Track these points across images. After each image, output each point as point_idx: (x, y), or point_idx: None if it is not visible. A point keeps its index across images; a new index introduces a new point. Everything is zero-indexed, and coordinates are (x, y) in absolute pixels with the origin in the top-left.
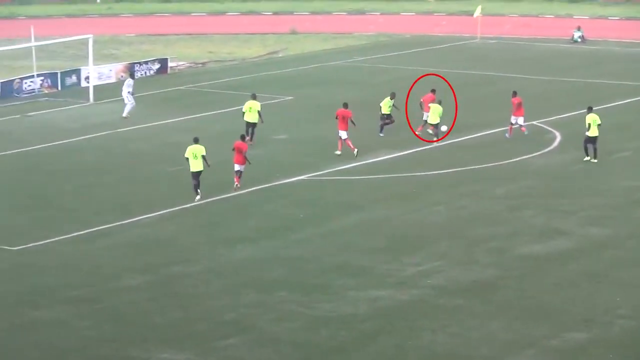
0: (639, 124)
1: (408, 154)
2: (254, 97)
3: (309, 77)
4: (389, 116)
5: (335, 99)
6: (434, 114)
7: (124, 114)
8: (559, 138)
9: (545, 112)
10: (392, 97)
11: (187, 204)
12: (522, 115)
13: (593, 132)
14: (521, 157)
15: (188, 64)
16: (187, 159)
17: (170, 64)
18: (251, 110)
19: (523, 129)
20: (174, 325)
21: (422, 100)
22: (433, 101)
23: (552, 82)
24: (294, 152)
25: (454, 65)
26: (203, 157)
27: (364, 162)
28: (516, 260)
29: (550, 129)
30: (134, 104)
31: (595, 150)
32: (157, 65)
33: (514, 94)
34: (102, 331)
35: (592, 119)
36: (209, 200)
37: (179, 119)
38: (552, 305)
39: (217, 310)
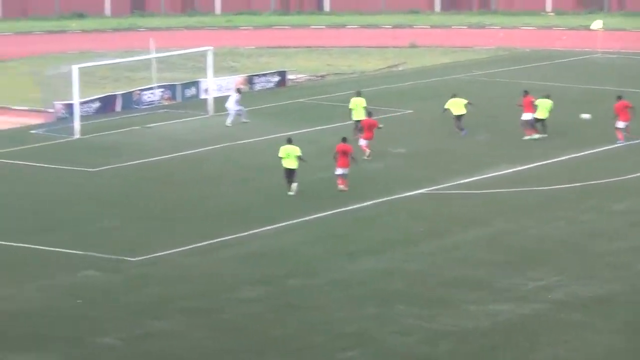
0: None
1: (527, 168)
2: (358, 95)
3: (428, 91)
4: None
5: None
6: (543, 109)
7: (227, 123)
8: None
9: None
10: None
11: (307, 217)
12: (628, 120)
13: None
14: None
15: (307, 77)
16: (281, 158)
17: (289, 77)
18: (356, 108)
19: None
20: (293, 337)
21: (519, 104)
22: (531, 102)
23: None
24: (414, 166)
25: (573, 80)
26: (299, 157)
27: (484, 176)
28: (637, 276)
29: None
30: (235, 115)
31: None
32: (276, 78)
33: (619, 98)
34: (220, 342)
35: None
36: (329, 212)
37: (298, 131)
38: None
39: (336, 323)
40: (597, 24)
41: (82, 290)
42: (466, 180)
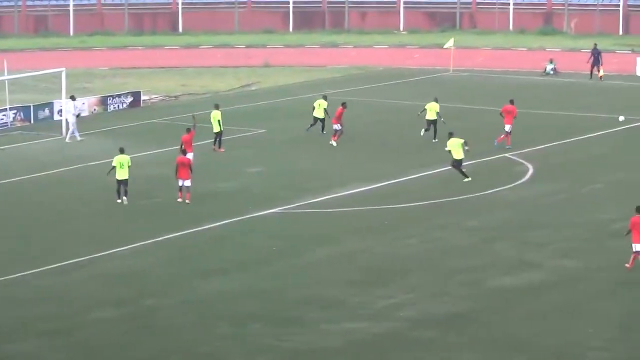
0: (611, 157)
1: (381, 186)
2: (217, 107)
3: (282, 110)
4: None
5: (309, 131)
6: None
7: (67, 139)
8: (531, 170)
9: (517, 144)
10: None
11: (161, 237)
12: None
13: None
14: (493, 190)
15: (161, 97)
16: (114, 167)
17: (143, 97)
18: (213, 120)
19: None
20: (148, 358)
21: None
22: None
23: (524, 115)
24: (268, 185)
25: (426, 98)
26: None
27: (337, 194)
28: (489, 293)
29: (522, 161)
30: (74, 128)
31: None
32: (130, 98)
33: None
34: None
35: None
36: (183, 232)
37: (152, 152)
38: (525, 338)
39: (191, 343)
40: (449, 42)
41: None
42: (319, 199)
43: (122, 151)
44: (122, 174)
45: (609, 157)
